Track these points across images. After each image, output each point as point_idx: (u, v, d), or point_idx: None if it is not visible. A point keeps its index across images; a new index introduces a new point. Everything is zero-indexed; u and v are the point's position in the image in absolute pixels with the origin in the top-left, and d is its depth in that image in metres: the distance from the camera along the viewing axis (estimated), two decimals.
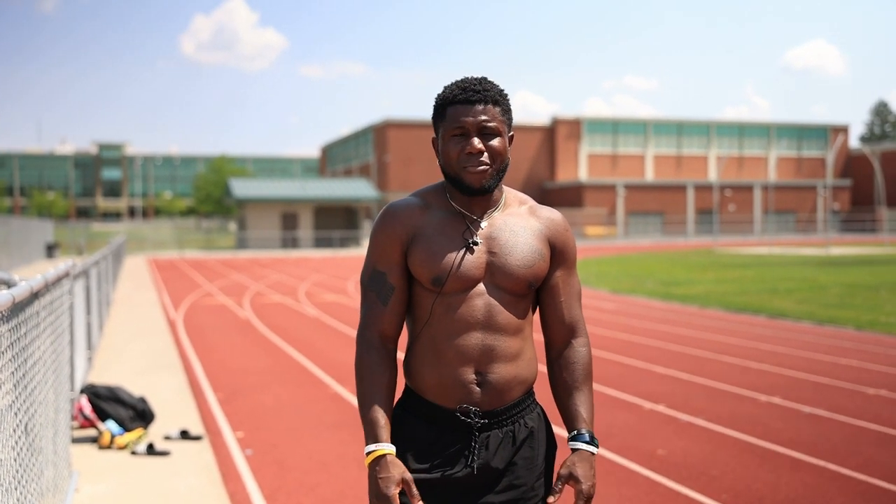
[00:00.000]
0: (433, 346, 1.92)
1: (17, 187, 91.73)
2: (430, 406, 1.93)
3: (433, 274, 1.90)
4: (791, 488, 4.45)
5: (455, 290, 1.90)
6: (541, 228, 1.99)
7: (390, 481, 1.84)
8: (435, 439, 1.92)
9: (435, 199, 1.99)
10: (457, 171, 1.91)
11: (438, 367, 1.91)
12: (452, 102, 1.92)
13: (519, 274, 1.92)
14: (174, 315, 13.59)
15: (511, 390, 1.93)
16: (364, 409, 1.92)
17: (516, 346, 1.93)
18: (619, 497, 4.34)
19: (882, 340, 9.75)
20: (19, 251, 29.54)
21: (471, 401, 1.89)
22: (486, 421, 1.91)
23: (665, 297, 15.35)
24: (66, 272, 4.95)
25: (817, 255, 30.89)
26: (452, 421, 1.90)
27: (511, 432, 1.94)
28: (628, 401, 6.64)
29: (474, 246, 1.92)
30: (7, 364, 2.76)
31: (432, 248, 1.91)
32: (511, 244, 1.94)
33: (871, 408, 6.29)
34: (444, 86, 1.97)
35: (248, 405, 6.68)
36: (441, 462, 1.91)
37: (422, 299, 1.94)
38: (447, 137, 1.92)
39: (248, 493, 4.51)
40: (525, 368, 1.95)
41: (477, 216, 1.96)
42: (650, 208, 57.82)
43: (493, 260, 1.92)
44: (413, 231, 1.94)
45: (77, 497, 4.50)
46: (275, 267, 27.89)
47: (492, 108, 1.90)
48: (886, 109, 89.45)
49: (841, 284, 17.21)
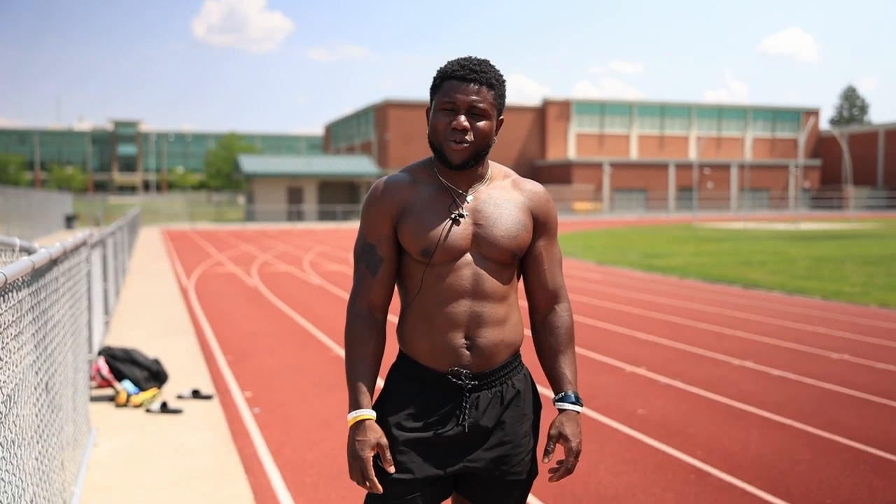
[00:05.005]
0: (425, 313, 1.90)
1: (38, 162, 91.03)
2: (423, 370, 1.92)
3: (422, 246, 1.88)
4: (761, 445, 4.49)
5: (443, 260, 1.88)
6: (524, 200, 1.97)
7: (366, 444, 1.85)
8: (427, 400, 1.91)
9: (423, 174, 1.96)
10: (441, 142, 1.88)
11: (430, 333, 1.90)
12: (450, 77, 1.88)
13: (504, 244, 1.90)
14: (186, 283, 13.57)
15: (498, 353, 1.92)
16: (350, 376, 1.92)
17: (502, 312, 1.92)
18: (601, 453, 4.38)
19: (846, 309, 9.79)
20: (40, 222, 29.40)
21: (461, 364, 1.89)
22: (475, 382, 1.90)
23: (647, 269, 15.37)
24: (83, 241, 4.91)
25: (788, 230, 30.92)
26: (444, 383, 1.90)
27: (499, 392, 1.94)
28: (611, 364, 6.67)
29: (460, 218, 1.90)
30: (28, 325, 2.74)
31: (421, 221, 1.89)
32: (496, 216, 1.92)
33: (835, 371, 6.32)
34: (447, 60, 1.93)
35: (255, 367, 6.69)
36: (434, 421, 1.90)
37: (412, 270, 1.92)
38: (437, 109, 1.89)
39: (255, 449, 4.53)
40: (511, 332, 1.95)
41: (463, 190, 1.93)
42: (634, 185, 57.69)
43: (479, 231, 1.90)
44: (402, 205, 1.92)
45: (95, 451, 4.51)
46: (281, 238, 27.82)
47: (485, 91, 1.86)
48: (855, 94, 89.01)
49: (809, 258, 17.25)
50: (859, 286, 11.91)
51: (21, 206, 26.26)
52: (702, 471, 4.09)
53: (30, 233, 25.65)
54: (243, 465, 4.26)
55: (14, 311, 2.47)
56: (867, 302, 10.33)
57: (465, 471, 1.93)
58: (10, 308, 2.39)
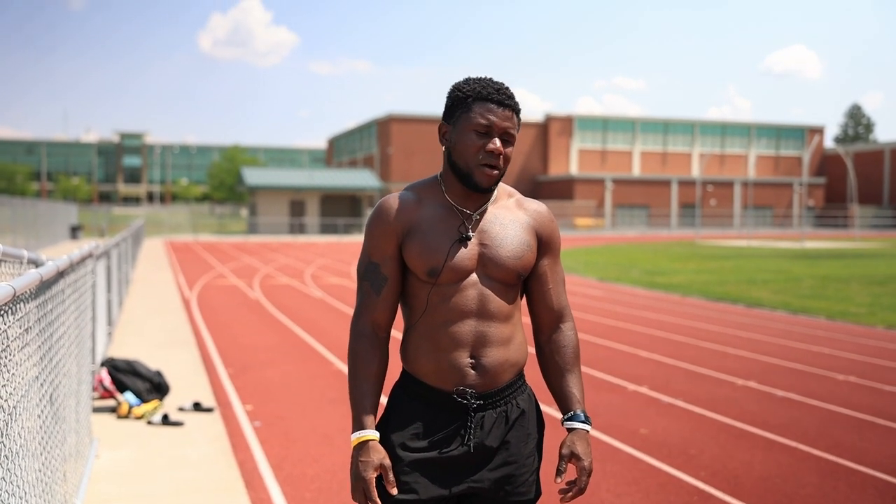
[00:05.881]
0: (430, 333, 1.90)
1: (45, 173, 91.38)
2: (428, 389, 1.91)
3: (429, 266, 1.88)
4: (764, 467, 4.46)
5: (449, 280, 1.88)
6: (528, 220, 1.98)
7: (369, 465, 1.85)
8: (432, 420, 1.91)
9: (428, 193, 1.96)
10: (471, 166, 1.87)
11: (435, 353, 1.90)
12: (484, 99, 1.86)
13: (509, 265, 1.91)
14: (189, 294, 13.57)
15: (503, 373, 1.92)
16: (353, 395, 1.92)
17: (507, 332, 1.92)
18: (603, 473, 4.35)
19: (852, 330, 9.76)
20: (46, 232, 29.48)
21: (466, 383, 1.89)
22: (481, 402, 1.90)
23: (649, 286, 15.35)
24: (89, 253, 4.93)
25: (792, 248, 30.88)
26: (449, 403, 1.89)
27: (504, 412, 1.93)
28: (613, 382, 6.65)
29: (467, 239, 1.90)
30: (34, 338, 2.74)
31: (427, 241, 1.89)
32: (501, 236, 1.92)
33: (840, 392, 6.29)
34: (467, 78, 1.91)
35: (256, 380, 6.68)
36: (439, 441, 1.90)
37: (418, 290, 1.92)
38: (468, 130, 1.87)
39: (255, 462, 4.52)
40: (515, 352, 1.95)
41: (470, 210, 1.93)
42: (636, 202, 57.73)
43: (485, 252, 1.90)
44: (408, 225, 1.91)
45: (97, 462, 4.51)
46: (283, 251, 27.85)
47: (514, 117, 1.88)
48: (860, 112, 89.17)
49: (814, 276, 17.21)
50: (865, 306, 11.87)
51: (27, 216, 26.36)
52: (705, 492, 4.07)
53: (35, 243, 25.71)
54: (243, 479, 4.25)
55: (21, 324, 2.48)
56: (873, 323, 10.29)
57: (470, 491, 1.92)
58: (17, 321, 2.40)
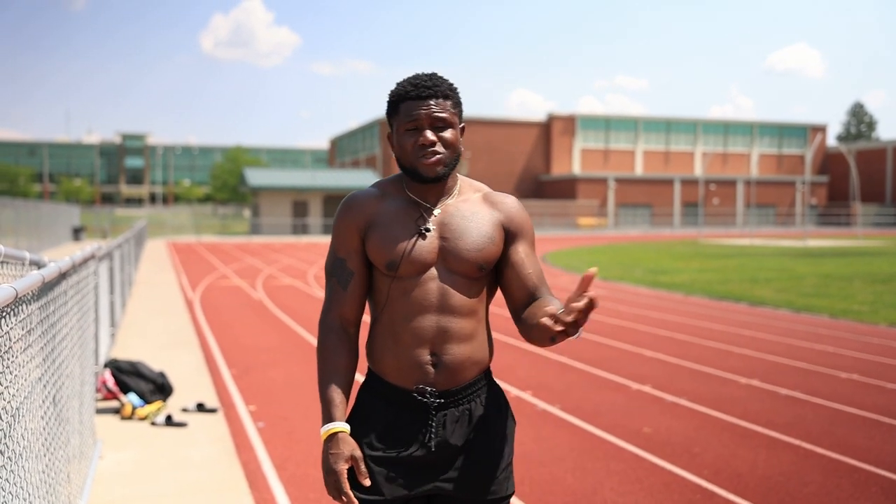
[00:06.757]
0: (391, 328, 1.89)
1: (47, 174, 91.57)
2: (390, 387, 1.90)
3: (387, 259, 1.88)
4: (768, 465, 4.46)
5: (409, 274, 1.87)
6: (494, 214, 1.95)
7: (339, 457, 1.84)
8: (394, 419, 1.89)
9: (392, 189, 1.96)
10: (412, 162, 1.88)
11: (396, 349, 1.88)
12: (405, 98, 1.87)
13: (469, 257, 1.88)
14: (192, 295, 13.59)
15: (465, 370, 1.89)
16: (322, 389, 1.92)
17: (470, 328, 1.89)
18: (606, 471, 4.35)
19: (855, 328, 9.75)
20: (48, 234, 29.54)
21: (426, 381, 1.86)
22: (441, 401, 1.87)
23: (652, 285, 15.34)
24: (91, 254, 4.94)
25: (795, 246, 30.83)
26: (410, 401, 1.87)
27: (468, 411, 1.89)
28: (617, 381, 6.64)
29: (426, 232, 1.89)
30: (37, 340, 2.75)
31: (386, 234, 1.89)
32: (462, 229, 1.90)
33: (844, 391, 6.28)
34: (396, 83, 1.93)
35: (260, 380, 6.69)
36: (401, 441, 1.87)
37: (380, 284, 1.92)
38: (402, 131, 1.88)
39: (259, 463, 4.52)
40: (479, 349, 1.91)
41: (431, 204, 1.93)
42: (639, 201, 57.69)
43: (445, 245, 1.89)
44: (369, 219, 1.92)
45: (101, 464, 4.51)
46: (286, 252, 27.87)
47: (443, 102, 1.87)
48: (862, 110, 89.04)
49: (817, 275, 17.18)
50: (868, 304, 11.84)
51: (30, 217, 26.42)
52: (708, 491, 4.06)
53: (38, 244, 25.76)
54: (247, 480, 4.25)
55: (23, 325, 2.48)
56: (876, 321, 10.27)
57: (438, 491, 1.89)
58: (19, 322, 2.40)
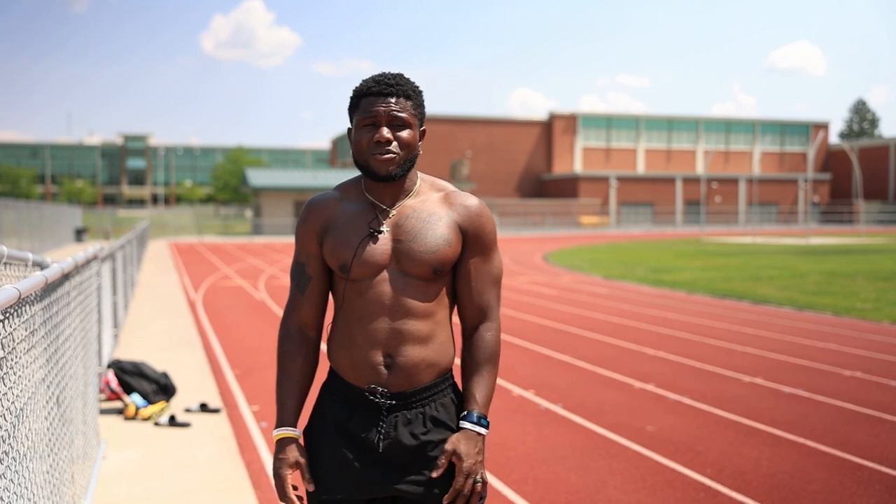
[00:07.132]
0: (347, 329, 1.90)
1: (49, 176, 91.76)
2: (346, 386, 1.91)
3: (339, 261, 1.88)
4: (772, 463, 4.46)
5: (362, 276, 1.87)
6: (452, 215, 1.91)
7: (284, 463, 1.87)
8: (349, 418, 1.89)
9: (351, 191, 1.95)
10: (366, 159, 1.86)
11: (351, 350, 1.89)
12: (366, 94, 1.87)
13: (423, 259, 1.86)
14: (194, 296, 13.61)
15: (420, 373, 1.86)
16: (277, 393, 1.94)
17: (426, 330, 1.86)
18: (609, 470, 4.35)
19: (857, 325, 9.73)
20: (51, 235, 29.58)
21: (379, 382, 1.85)
22: (393, 402, 1.86)
23: (654, 283, 15.33)
24: (94, 255, 4.95)
25: (798, 244, 30.80)
26: (363, 400, 1.87)
27: (421, 414, 1.86)
28: (620, 380, 6.64)
29: (378, 234, 1.87)
30: (40, 340, 2.76)
31: (340, 237, 1.89)
32: (416, 230, 1.88)
33: (847, 388, 6.28)
34: (361, 80, 1.93)
35: (262, 381, 6.69)
36: (355, 440, 1.87)
37: (338, 285, 1.93)
38: (359, 126, 1.87)
39: (262, 463, 4.53)
40: (437, 352, 1.88)
41: (387, 205, 1.91)
42: (641, 199, 57.66)
43: (399, 247, 1.87)
44: (326, 222, 1.92)
45: (105, 464, 4.52)
46: (288, 252, 27.89)
47: (403, 101, 1.86)
48: (865, 108, 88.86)
49: (820, 272, 17.16)
50: (871, 302, 11.83)
51: (32, 219, 26.46)
52: (712, 489, 4.06)
53: (40, 246, 25.81)
54: (251, 480, 4.26)
55: (27, 326, 2.49)
56: (879, 318, 10.26)
57: (399, 494, 1.86)
58: (22, 323, 2.41)
